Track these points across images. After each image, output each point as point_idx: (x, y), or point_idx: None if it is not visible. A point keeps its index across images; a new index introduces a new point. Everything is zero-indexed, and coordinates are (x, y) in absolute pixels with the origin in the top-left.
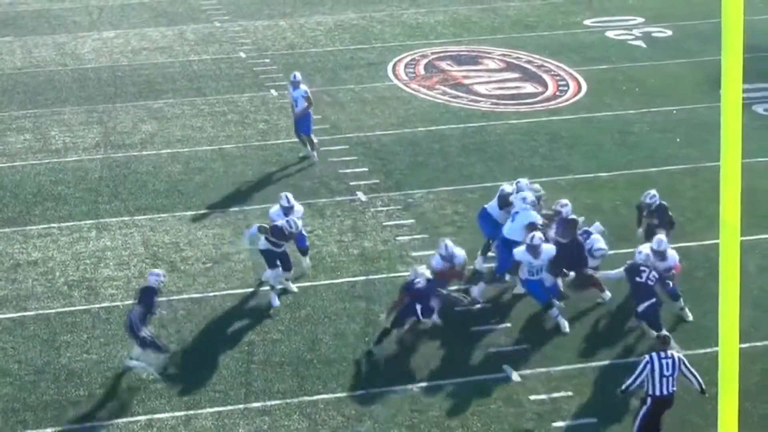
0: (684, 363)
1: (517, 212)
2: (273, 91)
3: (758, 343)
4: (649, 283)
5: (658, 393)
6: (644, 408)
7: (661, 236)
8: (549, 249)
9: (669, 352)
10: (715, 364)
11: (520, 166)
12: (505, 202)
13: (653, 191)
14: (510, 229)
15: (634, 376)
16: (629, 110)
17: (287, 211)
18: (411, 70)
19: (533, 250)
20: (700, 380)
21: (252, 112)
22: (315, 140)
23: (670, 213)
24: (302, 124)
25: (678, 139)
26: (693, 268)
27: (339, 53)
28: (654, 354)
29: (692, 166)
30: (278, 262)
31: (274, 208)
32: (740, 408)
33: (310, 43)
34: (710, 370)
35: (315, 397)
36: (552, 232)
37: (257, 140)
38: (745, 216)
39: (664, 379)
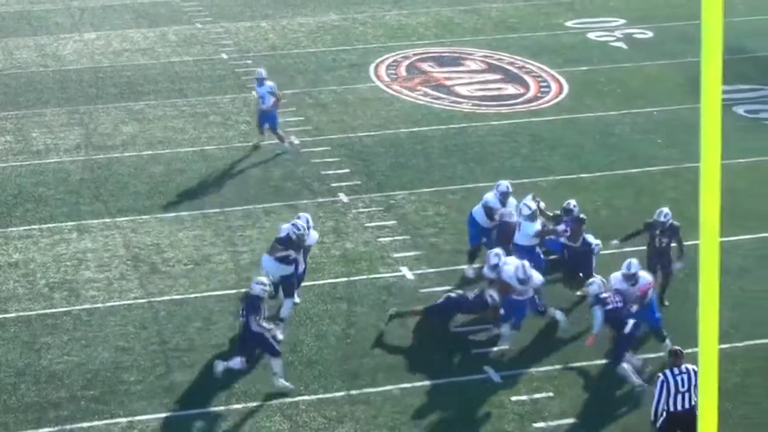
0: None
1: (520, 221)
2: (255, 93)
3: (738, 344)
4: (619, 305)
5: (672, 408)
6: (660, 421)
7: (632, 260)
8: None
9: (683, 367)
10: (695, 364)
11: (501, 167)
12: (489, 214)
13: (666, 209)
14: (519, 237)
15: (655, 401)
16: (611, 111)
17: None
18: (393, 72)
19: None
20: None
21: (234, 114)
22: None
23: (681, 234)
24: (270, 120)
25: (659, 141)
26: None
27: (321, 54)
28: (667, 371)
29: (673, 167)
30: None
31: (286, 226)
32: (720, 408)
33: (292, 44)
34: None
35: (296, 399)
36: (560, 228)
37: (239, 141)
38: (725, 217)
39: (680, 395)
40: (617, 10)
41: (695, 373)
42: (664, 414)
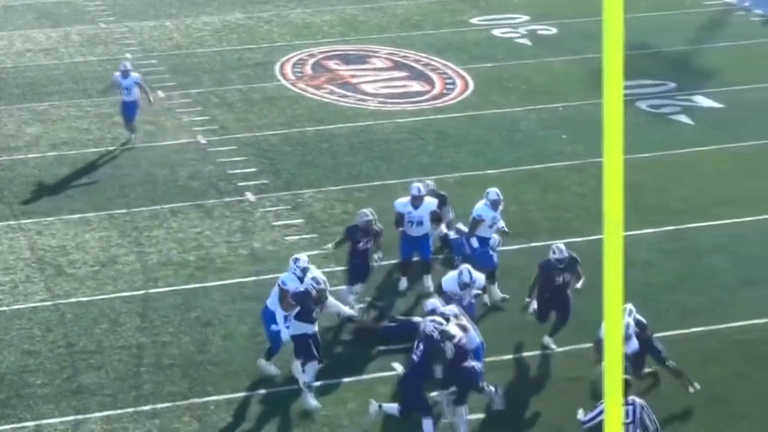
0: (645, 410)
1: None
2: (160, 92)
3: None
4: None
5: None
6: None
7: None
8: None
9: (629, 398)
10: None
11: (408, 164)
12: (397, 220)
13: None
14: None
15: (591, 416)
16: (516, 108)
17: (304, 272)
18: (299, 70)
19: (463, 285)
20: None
21: (139, 114)
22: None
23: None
24: (132, 111)
25: (564, 136)
26: (581, 263)
27: (226, 53)
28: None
29: (579, 162)
30: (313, 349)
31: (285, 275)
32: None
33: (197, 43)
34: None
35: (205, 399)
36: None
37: (144, 142)
38: (629, 211)
39: (622, 426)
40: (521, 7)
41: (642, 408)
42: None
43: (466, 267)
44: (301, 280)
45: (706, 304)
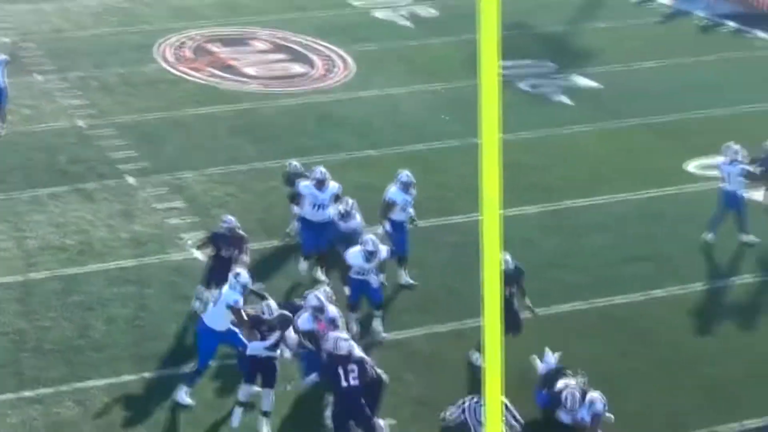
0: (507, 408)
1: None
2: (38, 76)
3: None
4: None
5: None
6: None
7: None
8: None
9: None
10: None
11: (290, 146)
12: (294, 198)
13: None
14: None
15: (448, 413)
16: (398, 89)
17: (245, 288)
18: (179, 53)
19: (369, 255)
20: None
21: (16, 98)
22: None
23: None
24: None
25: (446, 117)
26: (463, 243)
27: (106, 36)
28: (467, 400)
29: (460, 142)
30: (259, 374)
31: (227, 292)
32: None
33: (76, 26)
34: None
35: (87, 384)
36: None
37: (23, 126)
38: (510, 190)
39: (482, 428)
40: None
41: (505, 407)
42: None
43: (369, 237)
44: (241, 295)
45: (586, 281)
